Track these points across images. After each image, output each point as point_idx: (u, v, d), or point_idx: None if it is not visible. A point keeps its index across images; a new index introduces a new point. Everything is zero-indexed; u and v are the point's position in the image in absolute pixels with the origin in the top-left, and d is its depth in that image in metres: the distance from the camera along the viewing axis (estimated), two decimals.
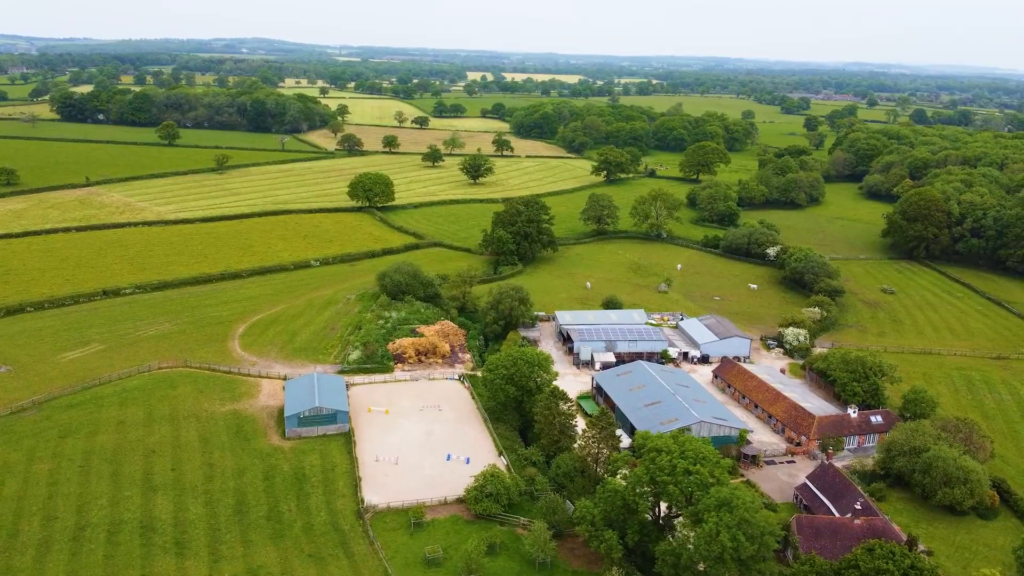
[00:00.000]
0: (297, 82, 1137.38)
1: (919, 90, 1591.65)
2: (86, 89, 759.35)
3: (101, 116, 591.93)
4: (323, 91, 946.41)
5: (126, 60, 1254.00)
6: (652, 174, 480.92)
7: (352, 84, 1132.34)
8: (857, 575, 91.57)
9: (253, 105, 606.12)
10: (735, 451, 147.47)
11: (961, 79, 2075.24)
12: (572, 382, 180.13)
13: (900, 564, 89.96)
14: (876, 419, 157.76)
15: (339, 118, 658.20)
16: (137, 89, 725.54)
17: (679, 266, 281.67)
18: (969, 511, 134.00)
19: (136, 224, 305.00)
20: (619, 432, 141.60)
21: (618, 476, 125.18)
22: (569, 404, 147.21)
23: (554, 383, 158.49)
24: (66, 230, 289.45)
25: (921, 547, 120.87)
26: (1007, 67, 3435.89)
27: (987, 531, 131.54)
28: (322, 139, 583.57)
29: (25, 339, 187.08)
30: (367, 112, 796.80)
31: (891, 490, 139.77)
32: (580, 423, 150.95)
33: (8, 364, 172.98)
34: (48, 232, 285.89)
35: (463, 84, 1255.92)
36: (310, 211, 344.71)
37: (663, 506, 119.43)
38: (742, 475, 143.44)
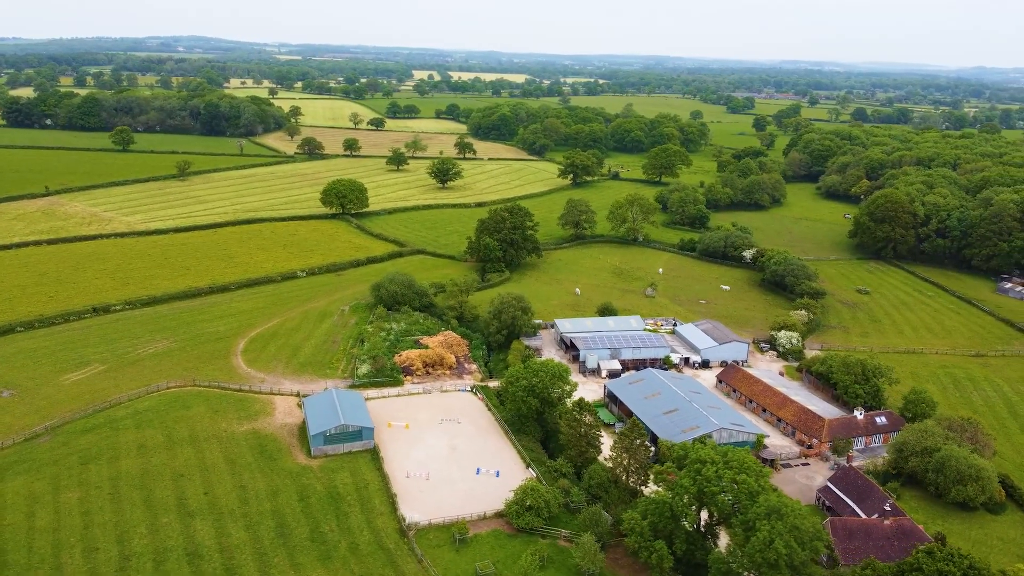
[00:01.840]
0: (242, 82, 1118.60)
1: (855, 87, 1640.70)
2: (26, 92, 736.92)
3: (49, 121, 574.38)
4: (272, 92, 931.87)
5: (62, 61, 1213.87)
6: (616, 176, 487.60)
7: (299, 84, 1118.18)
8: None
9: (207, 108, 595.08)
10: (753, 456, 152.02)
11: (893, 76, 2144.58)
12: (580, 390, 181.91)
13: (960, 565, 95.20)
14: (881, 420, 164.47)
15: (293, 120, 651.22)
16: (80, 92, 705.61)
17: (660, 270, 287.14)
18: (979, 507, 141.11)
19: (108, 236, 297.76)
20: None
21: (655, 487, 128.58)
22: (593, 414, 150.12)
23: (573, 394, 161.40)
24: (36, 243, 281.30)
25: None
26: (935, 64, 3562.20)
27: (998, 525, 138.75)
28: (279, 142, 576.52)
29: (22, 361, 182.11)
30: (319, 113, 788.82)
31: (904, 489, 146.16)
32: (602, 433, 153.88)
33: (10, 388, 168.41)
34: (17, 246, 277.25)
35: (412, 84, 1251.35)
36: (283, 219, 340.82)
37: (704, 515, 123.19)
38: None
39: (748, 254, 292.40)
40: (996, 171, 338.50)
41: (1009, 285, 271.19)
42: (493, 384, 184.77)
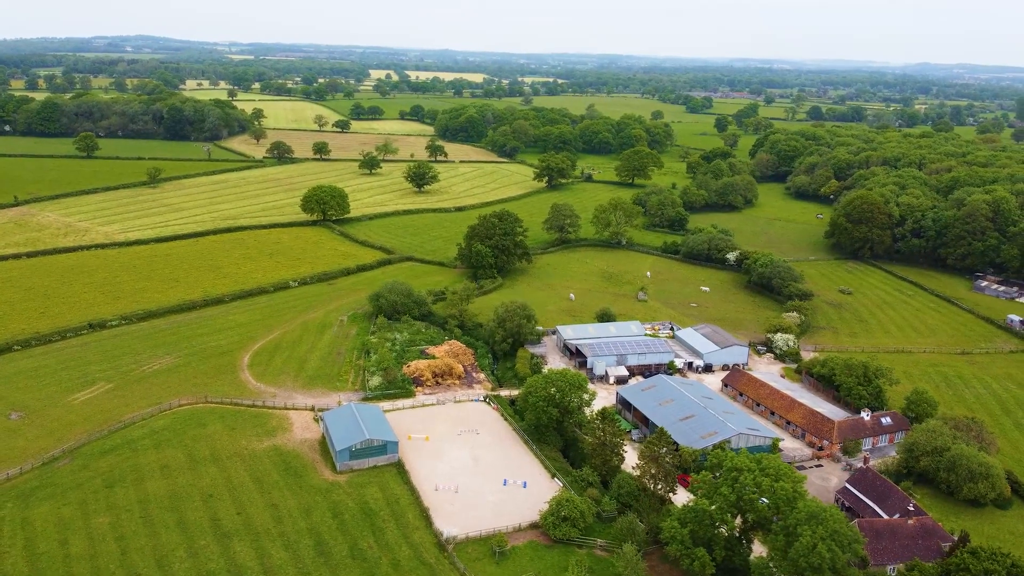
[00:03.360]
0: (198, 84, 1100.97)
1: (806, 85, 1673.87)
2: None
3: (7, 127, 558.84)
4: (231, 94, 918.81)
5: (9, 63, 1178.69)
6: (589, 179, 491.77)
7: (257, 85, 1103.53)
8: None
9: (170, 112, 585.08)
10: None
11: (842, 73, 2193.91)
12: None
13: (1003, 563, 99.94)
14: (886, 420, 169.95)
15: (257, 123, 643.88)
16: (34, 96, 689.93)
17: (648, 273, 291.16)
18: (989, 503, 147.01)
19: (88, 247, 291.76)
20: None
21: (688, 494, 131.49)
22: (616, 424, 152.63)
23: (592, 403, 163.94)
24: (16, 256, 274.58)
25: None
26: (881, 61, 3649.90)
27: (1007, 520, 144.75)
28: (245, 146, 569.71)
29: (25, 381, 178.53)
30: (281, 115, 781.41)
31: (916, 487, 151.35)
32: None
33: (18, 410, 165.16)
34: None
35: (371, 84, 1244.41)
36: (264, 227, 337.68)
37: (737, 521, 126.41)
38: None
39: (731, 256, 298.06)
40: (964, 172, 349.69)
41: (985, 283, 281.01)
42: (504, 393, 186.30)
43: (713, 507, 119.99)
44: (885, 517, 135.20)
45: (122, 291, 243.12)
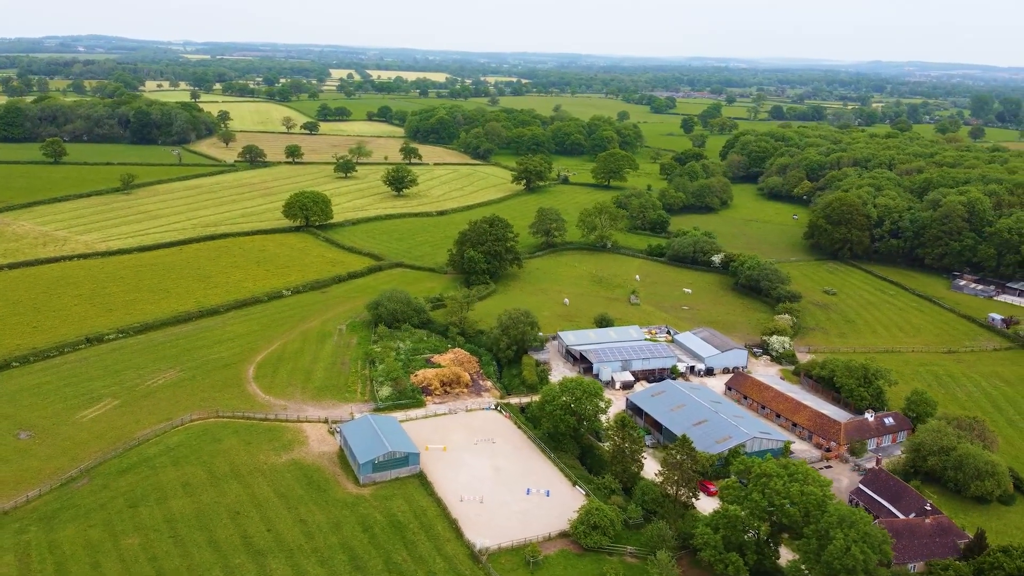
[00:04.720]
0: (159, 85, 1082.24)
1: (763, 84, 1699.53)
2: None
3: None
4: (194, 95, 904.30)
5: None
6: (565, 181, 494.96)
7: (219, 86, 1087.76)
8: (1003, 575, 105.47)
9: (137, 116, 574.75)
10: None
11: (797, 72, 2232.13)
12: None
13: None
14: (889, 421, 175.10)
15: (224, 126, 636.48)
16: None
17: (637, 276, 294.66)
18: (994, 500, 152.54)
19: (71, 257, 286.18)
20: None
21: (708, 500, 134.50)
22: (636, 431, 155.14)
23: (609, 410, 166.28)
24: None
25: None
26: (834, 59, 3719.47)
27: (1013, 515, 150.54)
28: (214, 149, 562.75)
29: (29, 399, 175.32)
30: (247, 117, 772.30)
31: (924, 486, 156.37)
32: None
33: (26, 429, 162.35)
34: None
35: (334, 84, 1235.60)
36: (246, 233, 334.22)
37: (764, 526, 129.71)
38: None
39: (716, 259, 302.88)
40: (936, 172, 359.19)
41: (963, 282, 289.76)
42: (514, 401, 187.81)
43: (744, 512, 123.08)
44: (901, 517, 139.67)
45: (113, 303, 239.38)
